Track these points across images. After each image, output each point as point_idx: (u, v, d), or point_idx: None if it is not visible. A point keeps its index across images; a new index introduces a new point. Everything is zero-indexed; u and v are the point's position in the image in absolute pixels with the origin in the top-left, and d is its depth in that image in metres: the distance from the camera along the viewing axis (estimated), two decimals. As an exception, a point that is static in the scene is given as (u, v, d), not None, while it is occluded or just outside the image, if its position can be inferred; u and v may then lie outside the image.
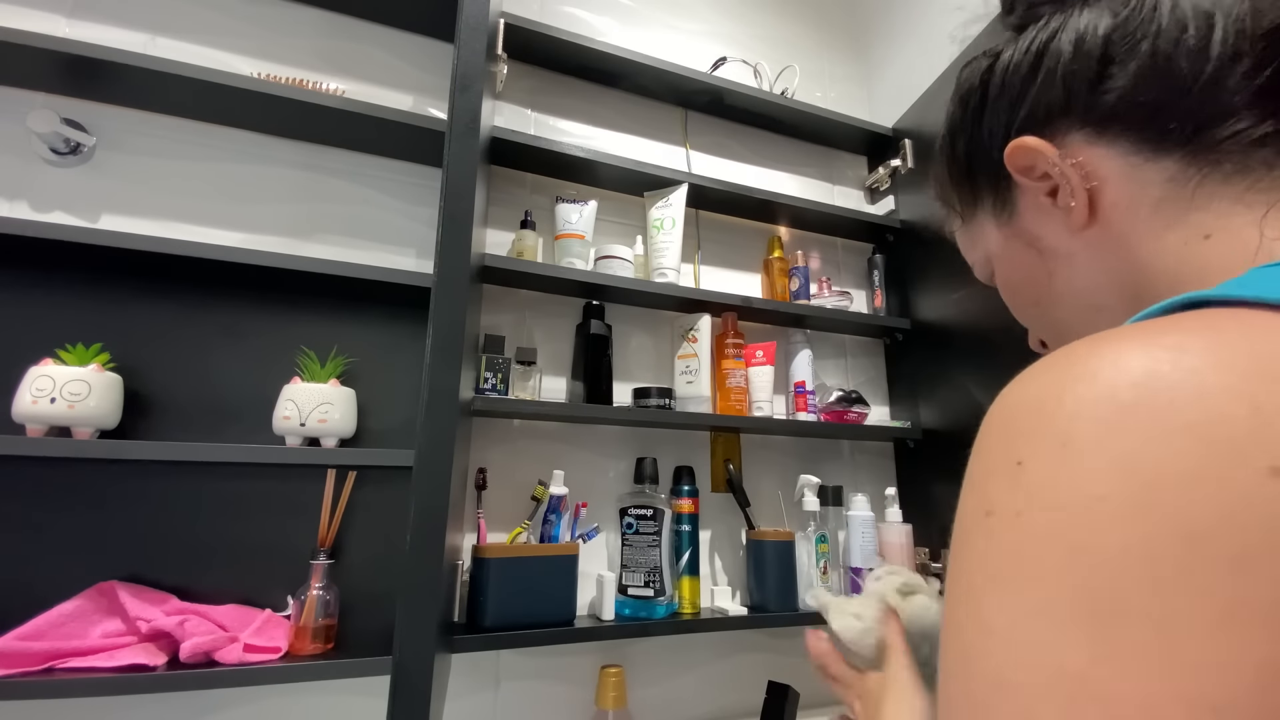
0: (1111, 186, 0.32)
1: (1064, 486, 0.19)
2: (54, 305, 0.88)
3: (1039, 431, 0.20)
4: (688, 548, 1.08)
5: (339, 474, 0.94)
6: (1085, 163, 0.32)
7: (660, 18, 1.45)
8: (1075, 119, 0.32)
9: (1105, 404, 0.19)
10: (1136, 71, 0.30)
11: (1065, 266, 0.35)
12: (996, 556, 0.20)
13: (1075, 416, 0.19)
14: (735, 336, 1.22)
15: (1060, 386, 0.20)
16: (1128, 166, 0.31)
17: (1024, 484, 0.20)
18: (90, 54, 0.85)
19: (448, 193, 0.86)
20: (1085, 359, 0.21)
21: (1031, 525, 0.19)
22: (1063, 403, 0.20)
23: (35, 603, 0.76)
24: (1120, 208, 0.32)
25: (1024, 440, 0.20)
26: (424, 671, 0.72)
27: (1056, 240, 0.35)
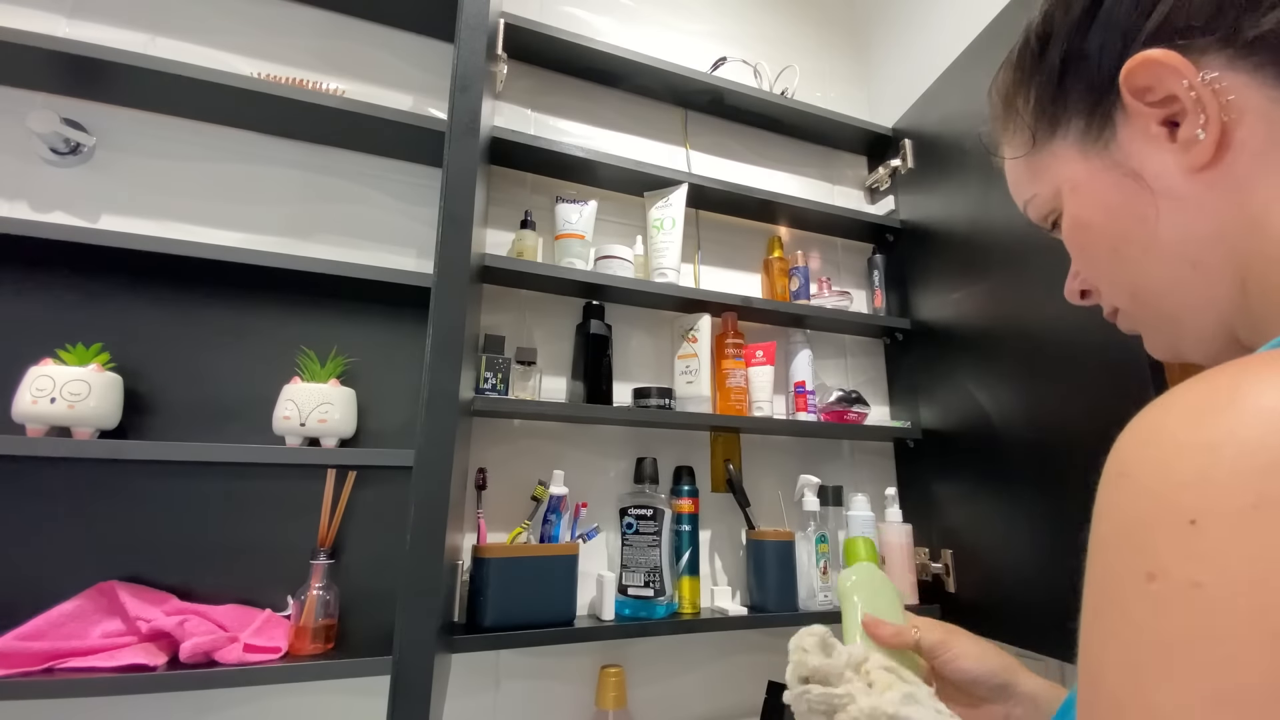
0: (1247, 123, 0.27)
1: (1261, 558, 0.16)
2: (54, 305, 0.88)
3: (1217, 486, 0.17)
4: (688, 548, 1.08)
5: (339, 474, 0.94)
6: (1227, 89, 0.27)
7: (660, 18, 1.45)
8: (1220, 36, 0.27)
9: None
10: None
11: (1171, 209, 0.30)
12: (1169, 631, 0.17)
13: (1268, 471, 0.16)
14: (735, 336, 1.22)
15: (1236, 430, 0.17)
16: (1270, 104, 0.26)
17: (1203, 550, 0.17)
18: (90, 54, 0.85)
19: (448, 193, 0.86)
20: (1255, 395, 0.17)
21: (1218, 602, 0.16)
22: (1245, 450, 0.16)
23: (35, 603, 0.76)
24: (1249, 150, 0.27)
25: (1196, 494, 0.17)
26: (424, 671, 0.72)
27: (1166, 178, 0.30)
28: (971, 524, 1.11)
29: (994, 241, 1.10)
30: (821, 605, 1.11)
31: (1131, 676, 0.18)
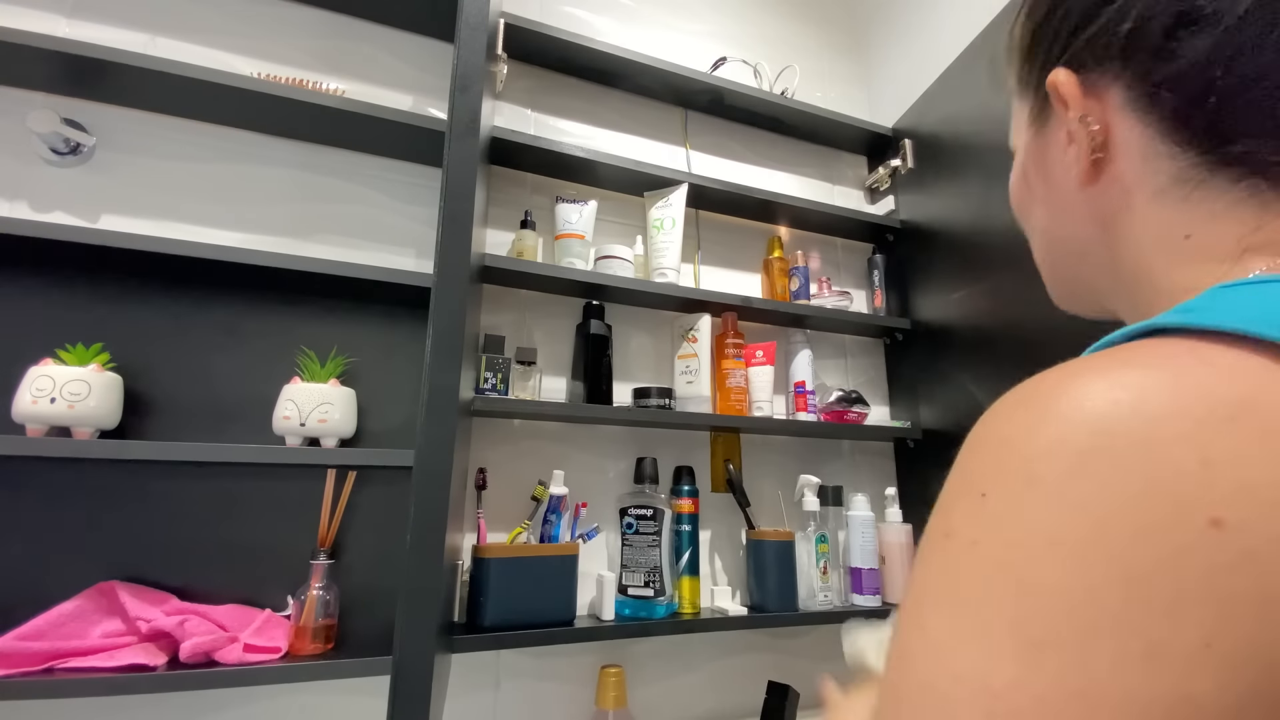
0: (1122, 161, 0.31)
1: (1021, 525, 0.20)
2: (54, 305, 0.88)
3: (1004, 468, 0.21)
4: (688, 548, 1.08)
5: (339, 474, 0.94)
6: (1106, 130, 0.31)
7: (660, 18, 1.45)
8: (1124, 75, 0.30)
9: (1067, 449, 0.20)
10: (1206, 52, 0.27)
11: (1061, 208, 0.35)
12: (948, 577, 0.21)
13: (1037, 459, 0.20)
14: (735, 336, 1.22)
15: (1029, 426, 0.21)
16: (1147, 147, 0.30)
17: (985, 515, 0.21)
18: (90, 54, 0.85)
19: (448, 193, 0.86)
20: (1053, 399, 0.21)
21: (985, 555, 0.20)
22: (1029, 442, 0.21)
23: (35, 603, 0.76)
24: (1121, 186, 0.31)
25: (990, 474, 0.22)
26: (424, 671, 0.72)
27: (1061, 180, 0.34)
28: (971, 524, 1.11)
29: (994, 241, 1.10)
30: (821, 605, 1.11)
31: (918, 610, 0.22)
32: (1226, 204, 0.27)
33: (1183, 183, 0.29)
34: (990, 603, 0.19)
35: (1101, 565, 0.18)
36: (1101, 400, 0.20)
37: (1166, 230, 0.29)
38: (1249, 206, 0.27)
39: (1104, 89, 0.31)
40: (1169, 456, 0.18)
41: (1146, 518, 0.18)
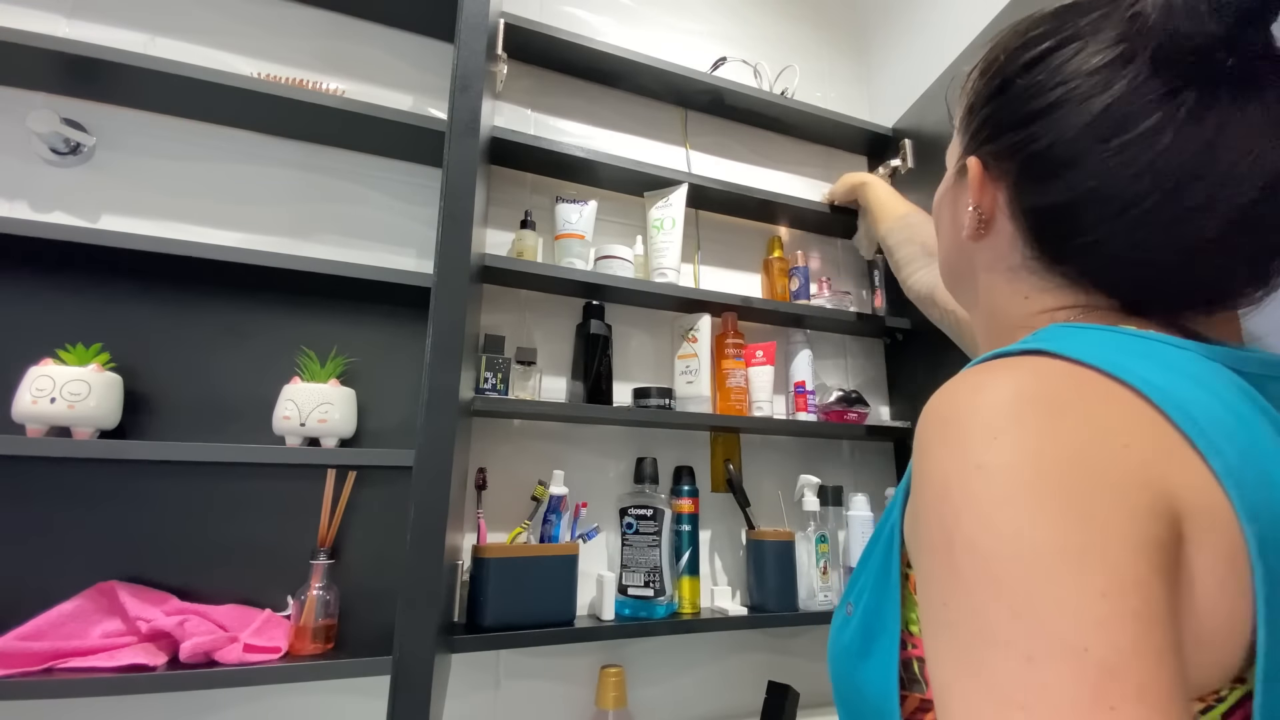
0: (996, 238, 0.42)
1: (1024, 449, 0.27)
2: (54, 305, 0.88)
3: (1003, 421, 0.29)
4: (688, 548, 1.08)
5: (339, 474, 0.94)
6: (991, 216, 0.42)
7: (660, 18, 1.45)
8: (1011, 189, 0.40)
9: (1037, 405, 0.28)
10: (1062, 200, 0.36)
11: (953, 242, 0.46)
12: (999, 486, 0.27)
13: (1021, 415, 0.28)
14: (735, 336, 1.22)
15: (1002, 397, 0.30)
16: (1012, 239, 0.41)
17: (1004, 446, 0.28)
18: (90, 54, 0.85)
19: (448, 193, 0.86)
20: (1013, 380, 0.30)
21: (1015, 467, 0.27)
22: (1006, 407, 0.29)
23: (35, 603, 0.76)
24: (992, 253, 0.42)
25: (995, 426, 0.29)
26: (424, 671, 0.72)
27: (960, 225, 0.44)
28: (971, 524, 1.11)
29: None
30: (821, 605, 1.11)
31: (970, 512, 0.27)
32: (1050, 287, 0.39)
33: (1027, 267, 0.40)
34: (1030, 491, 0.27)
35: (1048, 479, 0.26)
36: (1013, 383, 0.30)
37: (1015, 290, 0.41)
38: (1060, 292, 0.39)
39: (996, 184, 0.41)
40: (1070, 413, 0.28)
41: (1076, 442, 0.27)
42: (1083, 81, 0.35)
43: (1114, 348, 0.31)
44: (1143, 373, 0.29)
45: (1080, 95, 0.35)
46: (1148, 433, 0.27)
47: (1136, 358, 0.30)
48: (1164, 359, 0.31)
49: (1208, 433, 0.27)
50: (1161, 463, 0.27)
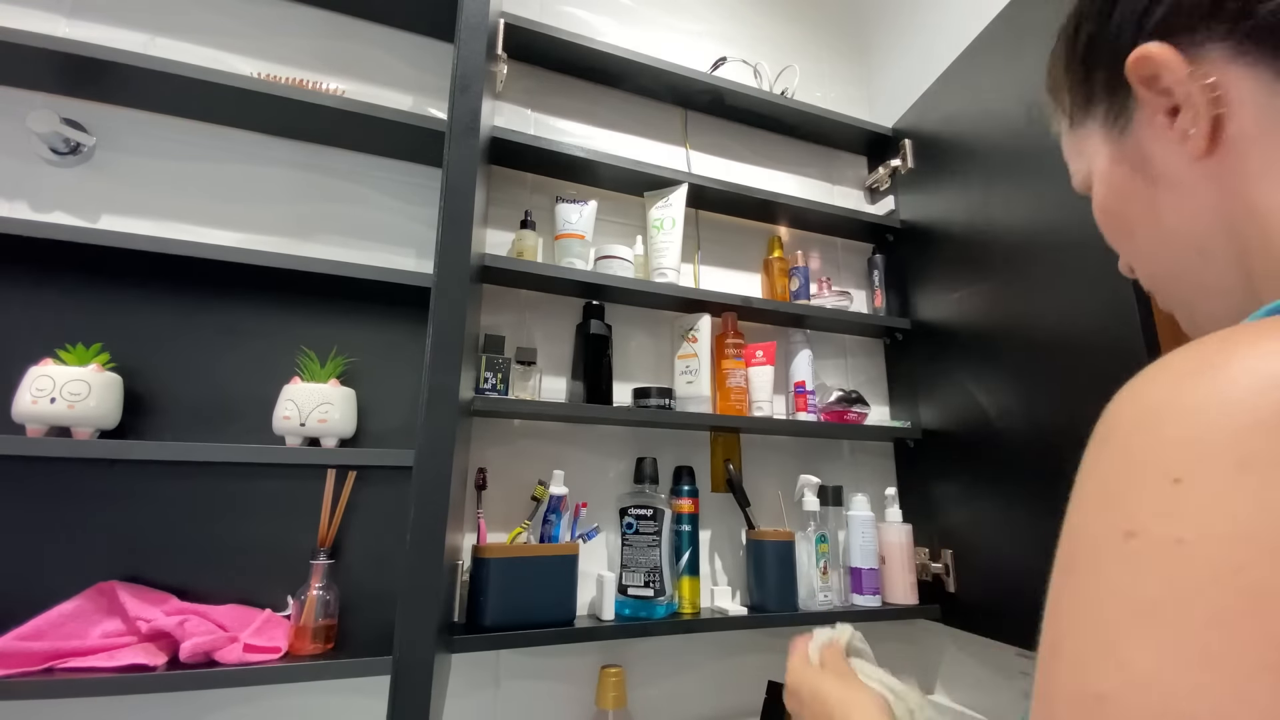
0: (1242, 114, 0.28)
1: (1247, 516, 0.16)
2: (54, 305, 0.88)
3: (1204, 445, 0.17)
4: (688, 548, 1.08)
5: (339, 474, 0.94)
6: (1218, 84, 0.28)
7: (660, 18, 1.45)
8: (1220, 29, 0.28)
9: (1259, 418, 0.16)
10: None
11: (1174, 199, 0.31)
12: (1146, 589, 0.17)
13: (1252, 432, 0.16)
14: (735, 336, 1.22)
15: (1224, 390, 0.17)
16: (1266, 94, 0.27)
17: (1186, 507, 0.17)
18: (90, 54, 0.85)
19: (448, 193, 0.86)
20: (1244, 356, 0.18)
21: (1201, 558, 0.16)
22: (1232, 414, 0.17)
23: (35, 603, 0.76)
24: (1246, 140, 0.28)
25: (1182, 453, 0.17)
26: (424, 671, 0.72)
27: (1169, 167, 0.31)
28: (972, 524, 1.11)
29: (994, 241, 1.10)
30: (821, 605, 1.11)
31: (1101, 635, 0.17)
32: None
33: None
34: (1221, 619, 0.15)
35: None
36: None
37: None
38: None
39: (1201, 51, 0.29)
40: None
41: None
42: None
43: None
44: None
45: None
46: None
47: None
48: None
49: None
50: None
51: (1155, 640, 0.16)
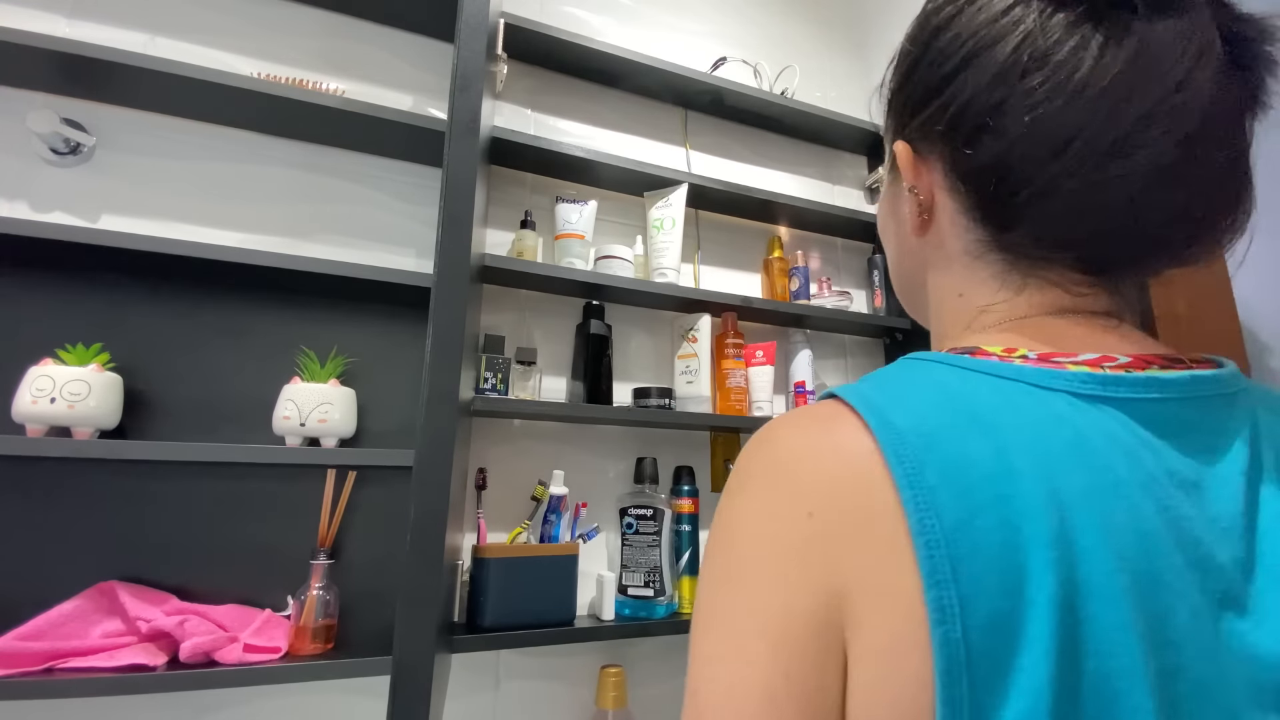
0: (941, 219, 0.38)
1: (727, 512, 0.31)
2: (54, 305, 0.88)
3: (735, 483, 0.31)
4: (688, 548, 1.08)
5: (339, 474, 0.94)
6: (932, 192, 0.38)
7: (660, 18, 1.45)
8: (943, 153, 0.36)
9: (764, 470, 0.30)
10: (995, 156, 0.33)
11: (904, 248, 0.42)
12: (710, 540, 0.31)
13: (749, 478, 0.30)
14: (735, 336, 1.22)
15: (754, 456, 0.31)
16: (954, 218, 0.37)
17: (720, 512, 0.31)
18: (90, 54, 0.85)
19: (448, 193, 0.86)
20: (772, 438, 0.31)
21: (717, 526, 0.31)
22: (748, 467, 0.31)
23: (35, 603, 0.76)
24: (937, 241, 0.39)
25: (730, 487, 0.31)
26: (424, 671, 0.72)
27: (903, 226, 0.41)
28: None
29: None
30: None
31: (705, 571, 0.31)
32: (986, 276, 0.36)
33: (969, 253, 0.37)
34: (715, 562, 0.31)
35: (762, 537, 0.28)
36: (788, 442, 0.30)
37: (952, 285, 0.38)
38: (994, 284, 0.36)
39: (930, 164, 0.38)
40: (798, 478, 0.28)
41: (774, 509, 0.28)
42: (989, 29, 0.33)
43: (911, 384, 0.30)
44: (898, 418, 0.27)
45: (990, 40, 0.33)
46: (849, 494, 0.26)
47: (920, 395, 0.29)
48: (960, 394, 0.29)
49: (929, 482, 0.25)
50: (842, 534, 0.26)
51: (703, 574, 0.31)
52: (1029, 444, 0.26)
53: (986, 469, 0.25)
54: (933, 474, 0.25)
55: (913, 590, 0.24)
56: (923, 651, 0.23)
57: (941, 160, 0.37)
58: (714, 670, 0.26)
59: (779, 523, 0.27)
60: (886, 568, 0.25)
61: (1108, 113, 0.30)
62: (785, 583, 0.26)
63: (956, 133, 0.35)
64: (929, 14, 0.37)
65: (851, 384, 0.31)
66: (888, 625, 0.24)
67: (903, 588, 0.24)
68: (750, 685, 0.25)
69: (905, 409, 0.28)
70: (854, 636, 0.25)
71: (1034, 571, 0.24)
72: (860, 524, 0.26)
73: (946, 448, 0.26)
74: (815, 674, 0.25)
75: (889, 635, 0.24)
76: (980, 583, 0.23)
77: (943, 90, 0.35)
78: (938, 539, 0.24)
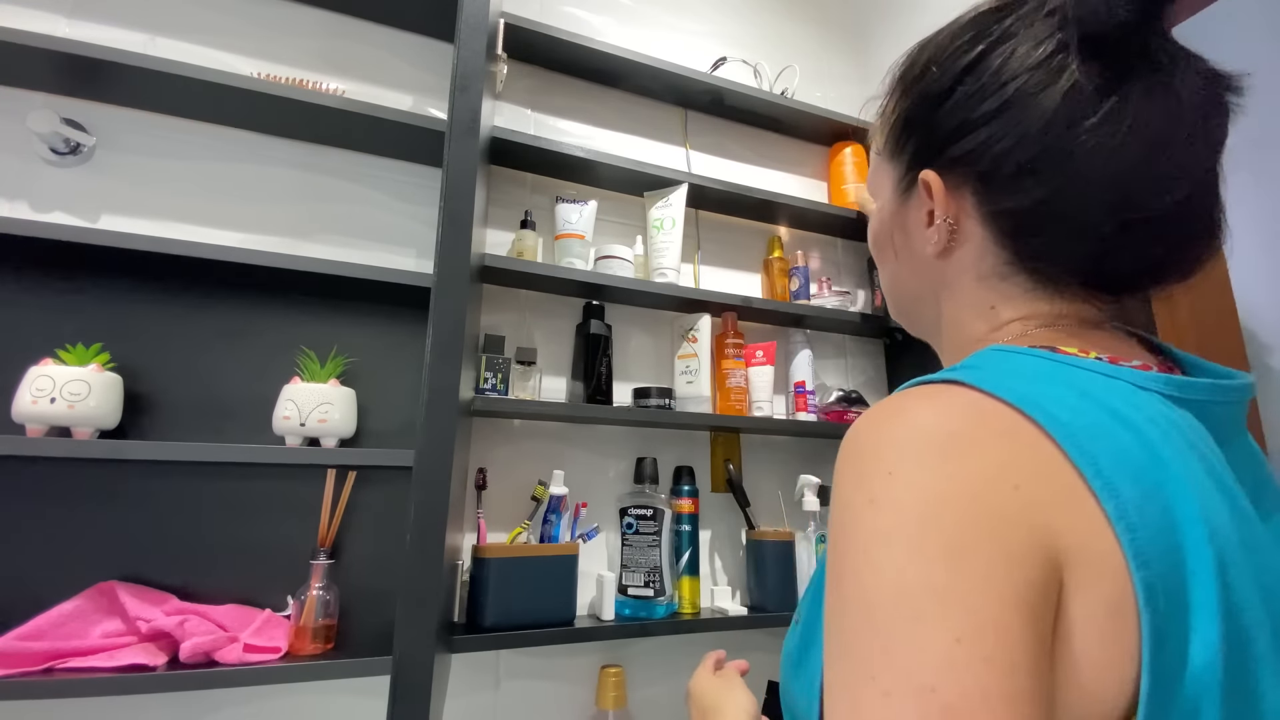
0: (965, 248, 0.40)
1: (921, 487, 0.28)
2: (54, 305, 0.88)
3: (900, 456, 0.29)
4: (688, 548, 1.08)
5: (339, 474, 0.94)
6: (960, 221, 0.40)
7: (660, 18, 1.45)
8: (978, 195, 0.38)
9: (933, 444, 0.29)
10: (1035, 199, 0.35)
11: (913, 264, 0.44)
12: (881, 526, 0.28)
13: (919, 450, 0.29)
14: (735, 336, 1.22)
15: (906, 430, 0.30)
16: (983, 245, 0.39)
17: (895, 486, 0.28)
18: (90, 54, 0.85)
19: (448, 193, 0.86)
20: (917, 414, 0.31)
21: (906, 509, 0.28)
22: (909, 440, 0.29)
23: (35, 603, 0.76)
24: (961, 264, 0.41)
25: (889, 461, 0.29)
26: (424, 671, 0.72)
27: (917, 244, 0.43)
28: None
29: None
30: (821, 605, 1.11)
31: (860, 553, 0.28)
32: (1016, 292, 0.39)
33: (997, 275, 0.39)
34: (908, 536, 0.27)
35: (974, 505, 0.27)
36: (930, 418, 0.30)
37: (982, 300, 0.40)
38: (1026, 298, 0.39)
39: (961, 194, 0.39)
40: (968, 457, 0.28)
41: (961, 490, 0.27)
42: (1031, 75, 0.35)
43: (1035, 377, 0.32)
44: (1051, 407, 0.29)
45: (1035, 87, 0.35)
46: (1043, 472, 0.27)
47: (1054, 387, 0.31)
48: (1086, 389, 0.31)
49: (1106, 472, 0.27)
50: (1051, 505, 0.27)
51: (892, 549, 0.27)
52: (1161, 438, 0.29)
53: (1141, 460, 0.28)
54: (1107, 463, 0.27)
55: (1119, 567, 0.26)
56: (1131, 624, 0.25)
57: (975, 194, 0.39)
58: (961, 653, 0.24)
59: (990, 495, 0.27)
60: (1097, 543, 0.26)
61: (1148, 162, 0.33)
62: (1010, 554, 0.26)
63: (998, 172, 0.36)
64: (955, 47, 0.39)
65: (961, 371, 0.32)
66: (1103, 596, 0.26)
67: (1110, 565, 0.26)
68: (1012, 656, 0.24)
69: (1050, 398, 0.29)
70: (1070, 601, 0.26)
71: (1190, 548, 0.27)
72: (1065, 501, 0.27)
73: (1108, 440, 0.28)
74: (1045, 638, 0.25)
75: (1106, 606, 0.26)
76: (1165, 561, 0.26)
77: (980, 128, 0.37)
78: (1134, 523, 0.26)
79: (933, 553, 0.26)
